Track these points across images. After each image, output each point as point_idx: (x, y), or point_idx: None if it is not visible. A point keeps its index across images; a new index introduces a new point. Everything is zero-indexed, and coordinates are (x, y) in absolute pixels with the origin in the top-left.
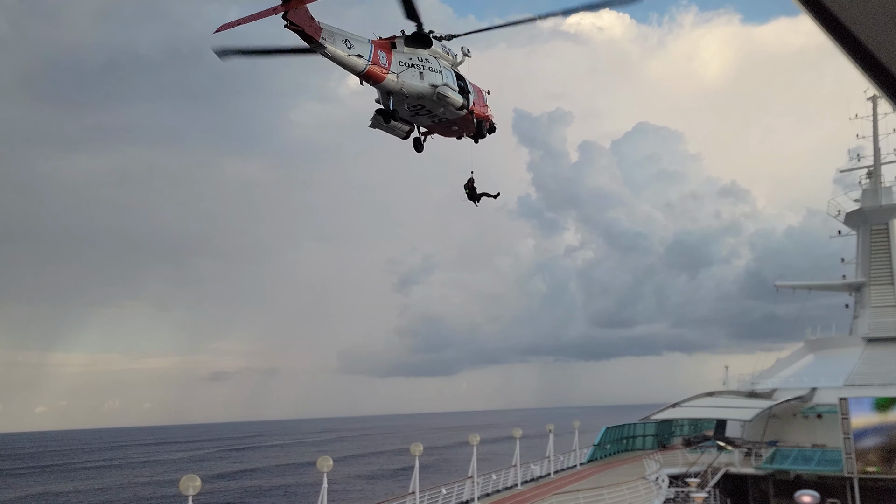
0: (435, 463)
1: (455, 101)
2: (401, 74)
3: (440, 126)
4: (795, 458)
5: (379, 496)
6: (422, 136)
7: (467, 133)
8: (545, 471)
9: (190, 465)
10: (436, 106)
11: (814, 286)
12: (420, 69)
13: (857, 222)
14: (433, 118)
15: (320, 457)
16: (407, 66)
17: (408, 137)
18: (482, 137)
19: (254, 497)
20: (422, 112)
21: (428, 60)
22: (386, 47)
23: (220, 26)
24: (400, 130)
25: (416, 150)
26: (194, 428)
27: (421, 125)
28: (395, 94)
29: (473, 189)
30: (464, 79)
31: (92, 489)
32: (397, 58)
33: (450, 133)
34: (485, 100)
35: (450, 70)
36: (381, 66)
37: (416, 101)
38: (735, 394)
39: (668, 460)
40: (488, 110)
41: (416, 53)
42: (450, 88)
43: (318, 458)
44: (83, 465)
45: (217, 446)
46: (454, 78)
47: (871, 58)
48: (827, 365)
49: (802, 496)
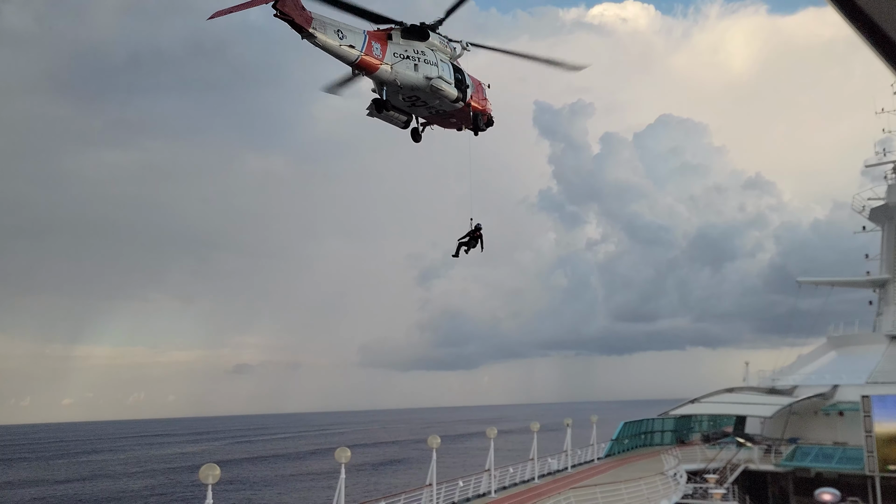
0: (453, 455)
1: (449, 93)
2: (395, 66)
3: (438, 117)
4: (816, 456)
5: (397, 488)
6: (420, 126)
7: (465, 125)
8: (562, 465)
9: (212, 455)
10: (431, 97)
11: (837, 283)
12: (415, 61)
13: (882, 218)
14: (430, 109)
15: (338, 448)
16: (402, 58)
17: (406, 127)
18: (480, 131)
19: (272, 486)
20: (418, 103)
21: (424, 53)
22: (381, 38)
23: (214, 13)
24: (398, 120)
25: (413, 141)
26: (217, 420)
27: (418, 116)
28: (388, 84)
29: (478, 238)
30: (462, 72)
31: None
32: (392, 49)
33: (448, 124)
34: (484, 94)
35: (447, 63)
36: (374, 57)
37: (410, 93)
38: (755, 390)
39: (686, 456)
40: (487, 104)
41: (412, 45)
42: (444, 81)
43: (336, 450)
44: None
45: (241, 437)
46: (451, 71)
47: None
48: (849, 362)
49: (823, 494)
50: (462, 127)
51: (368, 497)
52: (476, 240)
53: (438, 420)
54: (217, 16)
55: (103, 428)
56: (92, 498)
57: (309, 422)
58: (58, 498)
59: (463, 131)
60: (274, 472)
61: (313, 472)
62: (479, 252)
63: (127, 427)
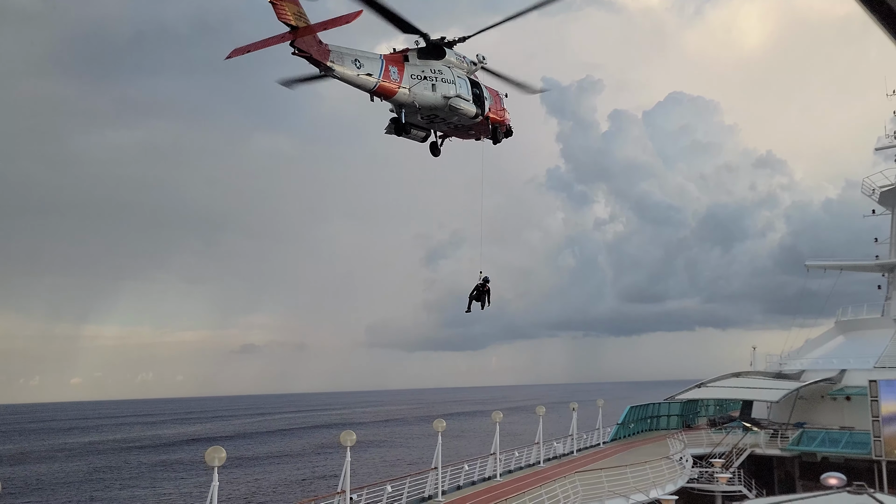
0: (458, 437)
1: (468, 111)
2: (413, 88)
3: (456, 130)
4: (822, 441)
5: (402, 471)
6: (439, 139)
7: (484, 136)
8: (568, 449)
9: (219, 439)
10: (449, 115)
11: (845, 266)
12: (433, 81)
13: (891, 201)
14: (448, 125)
15: (344, 432)
16: (419, 80)
17: (425, 142)
18: (498, 142)
19: (279, 467)
20: (436, 120)
21: (441, 72)
22: (398, 61)
23: (231, 52)
24: (416, 136)
25: (432, 155)
26: (226, 399)
27: (437, 131)
28: (407, 107)
29: (485, 291)
30: (479, 85)
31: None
32: (409, 71)
33: (467, 136)
34: (502, 104)
35: (464, 78)
36: (392, 82)
37: (429, 112)
38: (762, 374)
39: (692, 440)
40: (505, 114)
41: (429, 65)
42: (462, 100)
43: (341, 433)
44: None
45: (248, 417)
46: (468, 87)
47: None
48: (857, 346)
49: (829, 478)
50: (480, 137)
51: (373, 479)
52: (485, 294)
53: (444, 401)
54: (234, 55)
55: (115, 407)
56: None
57: (315, 402)
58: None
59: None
60: (278, 453)
61: (317, 454)
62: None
63: (136, 406)
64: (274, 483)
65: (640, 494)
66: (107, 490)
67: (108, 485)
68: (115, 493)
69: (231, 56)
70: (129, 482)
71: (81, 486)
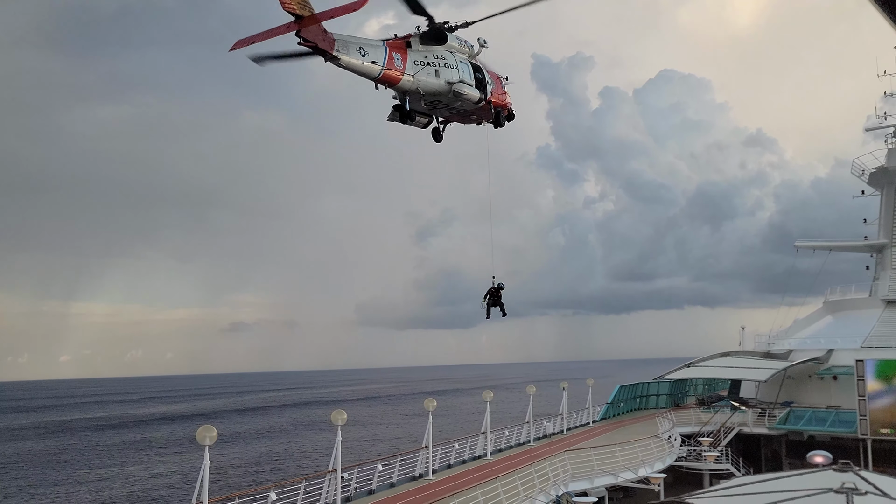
0: (448, 416)
1: (471, 96)
2: (416, 74)
3: (458, 115)
4: (809, 419)
5: (392, 450)
6: (440, 125)
7: (486, 120)
8: (558, 428)
9: (209, 417)
10: (453, 101)
11: (834, 247)
12: (436, 67)
13: (881, 182)
14: (451, 110)
15: (335, 411)
16: (422, 66)
17: (426, 128)
18: (501, 126)
19: (268, 445)
20: (439, 105)
21: (444, 57)
22: (401, 48)
23: (235, 44)
24: (419, 123)
25: (435, 140)
26: (216, 378)
27: (439, 116)
28: (411, 93)
29: (497, 296)
30: (481, 69)
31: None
32: (412, 57)
33: (468, 121)
34: (503, 87)
35: (466, 63)
36: (396, 69)
37: (432, 98)
38: (751, 354)
39: (681, 419)
40: (507, 97)
41: (432, 51)
42: (465, 85)
43: (333, 412)
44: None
45: (238, 396)
46: (471, 72)
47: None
48: (845, 326)
49: (815, 457)
50: (482, 121)
51: (365, 458)
52: (500, 301)
53: (434, 378)
54: (239, 46)
55: (104, 385)
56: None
57: (305, 380)
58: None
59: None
60: (268, 431)
61: (308, 432)
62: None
63: (124, 384)
64: (264, 461)
65: (629, 473)
66: (88, 470)
67: (92, 464)
68: (99, 473)
69: (235, 48)
70: (113, 461)
71: (71, 465)
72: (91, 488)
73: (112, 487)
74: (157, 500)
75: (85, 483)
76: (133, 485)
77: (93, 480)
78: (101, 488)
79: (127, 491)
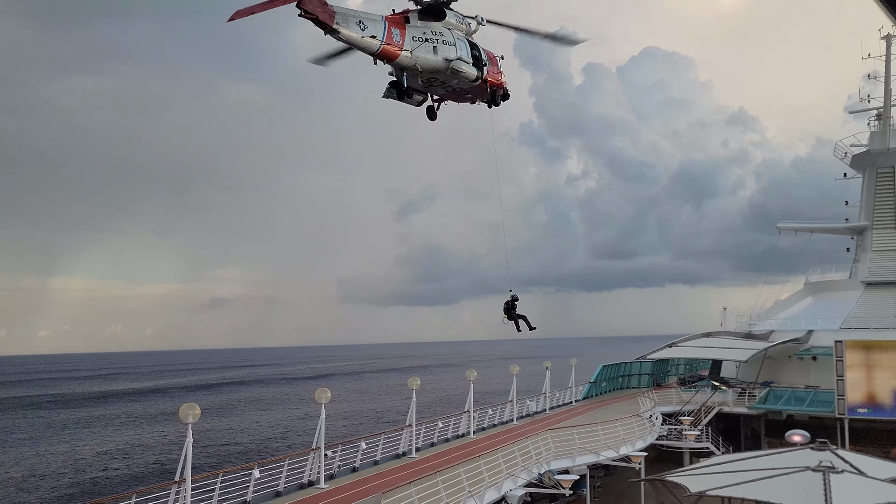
0: (431, 392)
1: (469, 73)
2: (415, 51)
3: (454, 94)
4: (788, 399)
5: (376, 428)
6: (435, 103)
7: (481, 99)
8: (541, 407)
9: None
10: (450, 78)
11: (816, 229)
12: (434, 43)
13: (863, 165)
14: (447, 88)
15: (318, 389)
16: (421, 42)
17: (421, 105)
18: (496, 105)
19: (251, 422)
20: (435, 83)
21: (442, 33)
22: (399, 23)
23: (234, 14)
24: (414, 101)
25: (429, 119)
26: (197, 353)
27: (434, 94)
28: (408, 70)
29: (513, 309)
30: (478, 47)
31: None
32: (411, 33)
33: (463, 100)
34: (499, 66)
35: (464, 40)
36: (394, 44)
37: (429, 75)
38: (732, 335)
39: (662, 399)
40: (502, 76)
41: (430, 27)
42: (463, 62)
43: (316, 391)
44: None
45: (219, 371)
46: (468, 49)
47: None
48: (825, 307)
49: (793, 435)
50: (476, 101)
51: (348, 437)
52: (517, 313)
53: (417, 355)
54: (237, 17)
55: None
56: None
57: (287, 356)
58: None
59: (476, 104)
60: (251, 407)
61: (290, 409)
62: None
63: (103, 359)
64: (247, 439)
65: (610, 451)
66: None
67: (71, 441)
68: (78, 450)
69: (234, 18)
70: (94, 438)
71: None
72: (71, 468)
73: (92, 466)
74: (139, 477)
75: (64, 460)
76: (113, 461)
77: (71, 458)
78: (81, 468)
79: (107, 468)
